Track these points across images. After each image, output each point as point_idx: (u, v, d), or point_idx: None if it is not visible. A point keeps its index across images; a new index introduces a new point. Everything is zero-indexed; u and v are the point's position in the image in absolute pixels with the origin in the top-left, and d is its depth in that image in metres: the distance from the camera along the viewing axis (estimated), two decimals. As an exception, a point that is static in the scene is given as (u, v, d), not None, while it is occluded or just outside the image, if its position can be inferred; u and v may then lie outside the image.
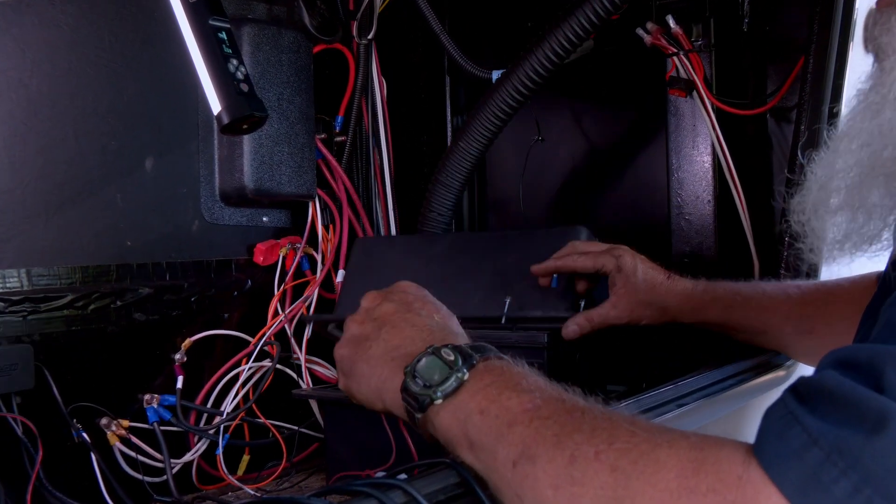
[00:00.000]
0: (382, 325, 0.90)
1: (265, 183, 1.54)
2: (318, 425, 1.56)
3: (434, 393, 0.79)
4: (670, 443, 0.66)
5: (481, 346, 0.83)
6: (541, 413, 0.73)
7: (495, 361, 0.82)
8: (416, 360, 0.82)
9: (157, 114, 1.46)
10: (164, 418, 1.37)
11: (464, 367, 0.79)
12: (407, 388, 0.81)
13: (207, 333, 1.48)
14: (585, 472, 0.67)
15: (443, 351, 0.81)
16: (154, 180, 1.44)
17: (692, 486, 0.62)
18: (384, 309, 0.92)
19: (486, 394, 0.77)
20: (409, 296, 0.94)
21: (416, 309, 0.92)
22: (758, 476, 0.61)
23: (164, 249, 1.46)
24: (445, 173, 1.71)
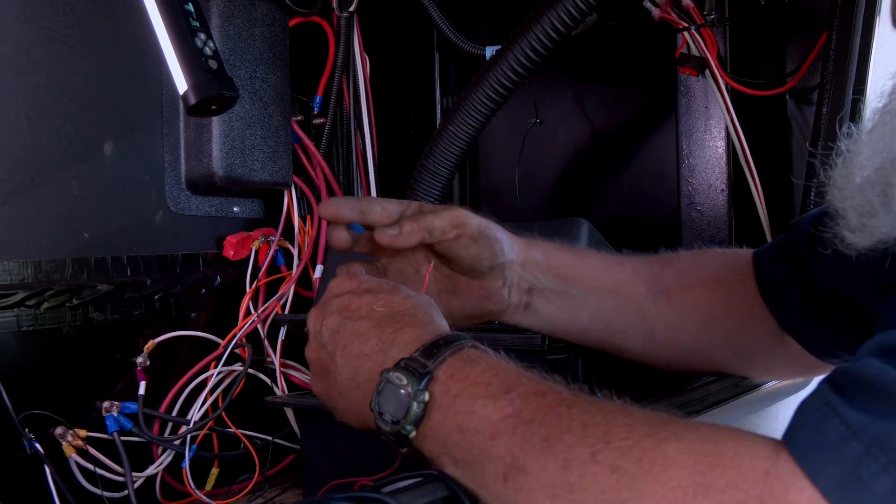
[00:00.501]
0: (334, 352, 0.91)
1: (236, 169, 1.54)
2: (293, 435, 1.57)
3: (403, 428, 0.80)
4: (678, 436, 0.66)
5: (435, 344, 0.83)
6: (523, 416, 0.73)
7: (454, 361, 0.81)
8: (376, 394, 0.83)
9: (116, 93, 1.46)
10: (125, 428, 1.38)
11: (421, 388, 0.80)
12: (379, 427, 0.83)
13: (172, 335, 1.49)
14: (583, 477, 0.67)
15: (393, 376, 0.81)
16: (113, 166, 1.45)
17: (709, 482, 0.62)
18: (328, 328, 0.93)
19: (459, 407, 0.78)
20: (344, 298, 0.94)
21: (354, 311, 0.91)
22: (788, 470, 0.61)
23: (124, 242, 1.46)
24: (433, 159, 1.72)
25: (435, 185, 1.73)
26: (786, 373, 1.28)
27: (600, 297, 1.19)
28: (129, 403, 1.39)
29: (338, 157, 1.83)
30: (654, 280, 1.19)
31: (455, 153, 1.70)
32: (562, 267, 1.17)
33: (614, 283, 1.18)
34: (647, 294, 1.18)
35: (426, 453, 0.81)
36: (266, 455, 1.48)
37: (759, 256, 1.20)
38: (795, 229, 1.16)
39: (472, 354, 0.82)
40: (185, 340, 1.52)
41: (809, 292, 1.12)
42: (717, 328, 1.19)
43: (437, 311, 0.92)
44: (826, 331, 1.12)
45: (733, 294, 1.18)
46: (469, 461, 0.76)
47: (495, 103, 1.66)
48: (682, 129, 1.76)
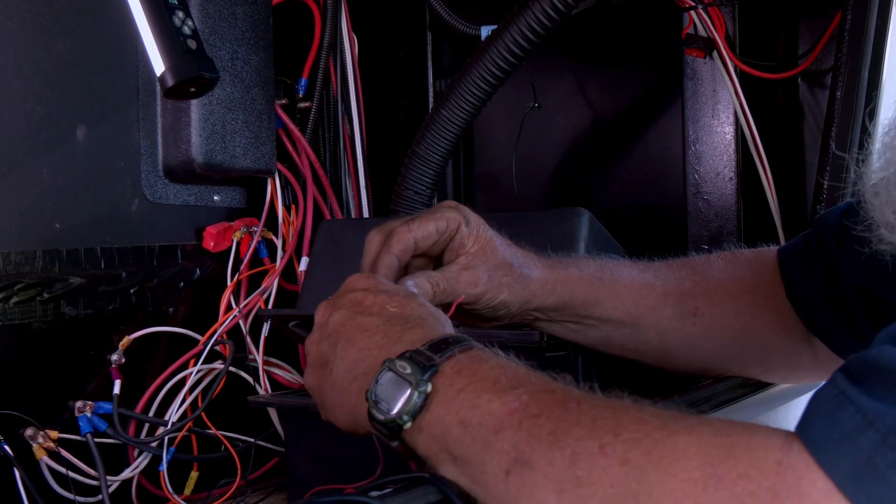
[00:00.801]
0: (337, 343, 0.91)
1: (216, 156, 1.54)
2: (277, 437, 1.57)
3: (400, 419, 0.80)
4: (689, 428, 0.66)
5: (443, 341, 0.83)
6: (530, 411, 0.73)
7: (463, 358, 0.82)
8: (375, 383, 0.83)
9: (90, 75, 1.45)
10: (99, 429, 1.38)
11: (424, 378, 0.80)
12: (373, 417, 0.82)
13: (149, 331, 1.49)
14: (592, 470, 0.67)
15: (398, 364, 0.82)
16: (87, 153, 1.44)
17: (720, 474, 0.63)
18: (335, 320, 0.93)
19: (462, 401, 0.78)
20: (358, 294, 0.94)
21: (366, 308, 0.92)
22: (802, 460, 0.61)
23: (98, 233, 1.46)
24: (424, 145, 1.72)
25: (427, 172, 1.73)
26: (810, 376, 1.28)
27: (616, 325, 1.18)
28: (103, 403, 1.39)
29: (324, 143, 1.83)
30: (682, 300, 1.18)
31: (448, 139, 1.71)
32: (581, 306, 1.16)
33: (637, 310, 1.17)
34: (673, 317, 1.18)
35: (419, 449, 0.81)
36: (248, 458, 1.49)
37: (784, 255, 1.20)
38: (821, 225, 1.16)
39: (481, 354, 0.83)
40: (162, 337, 1.52)
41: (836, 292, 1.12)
42: (744, 343, 1.20)
43: (450, 326, 0.92)
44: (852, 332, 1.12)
45: (764, 306, 1.18)
46: (469, 457, 0.76)
47: (491, 86, 1.66)
48: (689, 114, 1.77)
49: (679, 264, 1.22)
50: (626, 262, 1.21)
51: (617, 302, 1.17)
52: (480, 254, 1.09)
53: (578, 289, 1.15)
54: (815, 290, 1.15)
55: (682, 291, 1.19)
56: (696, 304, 1.18)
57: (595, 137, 1.97)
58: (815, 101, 1.78)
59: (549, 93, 1.99)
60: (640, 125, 1.91)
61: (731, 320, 1.19)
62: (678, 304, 1.18)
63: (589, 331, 1.19)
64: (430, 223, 1.07)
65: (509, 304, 1.11)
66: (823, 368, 1.20)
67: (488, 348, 0.84)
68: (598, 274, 1.17)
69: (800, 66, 1.72)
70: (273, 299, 1.63)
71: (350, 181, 1.84)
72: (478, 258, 1.09)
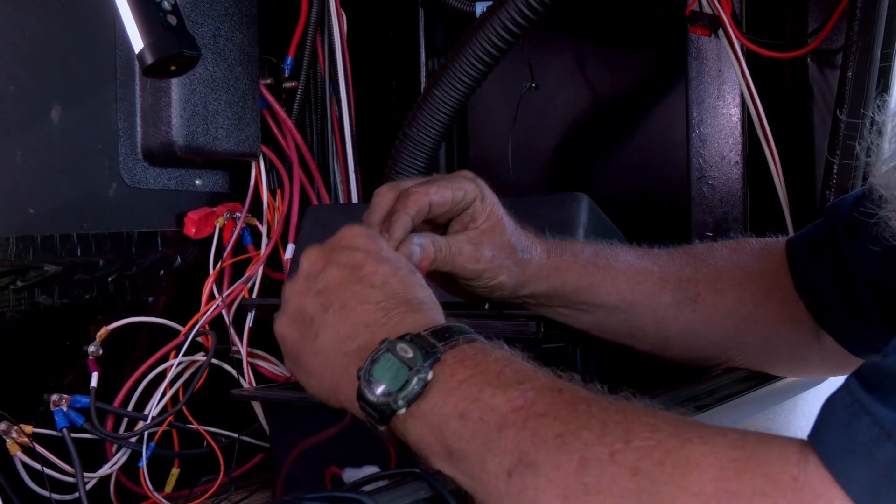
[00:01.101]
0: (329, 305, 0.89)
1: (198, 138, 1.55)
2: (262, 432, 1.58)
3: (395, 402, 0.79)
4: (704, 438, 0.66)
5: (447, 329, 0.82)
6: (536, 409, 0.73)
7: (467, 348, 0.81)
8: (370, 361, 0.81)
9: (65, 53, 1.46)
10: (76, 423, 1.38)
11: (426, 364, 0.79)
12: (363, 396, 0.81)
13: (128, 321, 1.49)
14: (600, 478, 0.67)
15: (398, 347, 0.80)
16: (62, 134, 1.45)
17: (734, 490, 0.63)
18: (329, 278, 0.90)
19: (464, 393, 0.77)
20: (358, 255, 0.91)
21: (367, 275, 0.89)
22: (817, 476, 0.62)
23: (74, 218, 1.46)
24: (416, 127, 1.72)
25: (419, 155, 1.73)
26: (819, 370, 1.28)
27: (610, 311, 1.19)
28: (79, 397, 1.40)
29: (311, 125, 1.83)
30: (682, 286, 1.19)
31: (441, 120, 1.71)
32: (574, 293, 1.17)
33: (633, 296, 1.18)
34: (672, 303, 1.19)
35: (410, 438, 0.80)
36: (232, 454, 1.49)
37: (792, 246, 1.20)
38: (832, 214, 1.16)
39: (485, 346, 0.82)
40: (141, 327, 1.52)
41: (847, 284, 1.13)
42: (746, 332, 1.20)
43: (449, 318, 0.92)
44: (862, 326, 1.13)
45: (768, 296, 1.19)
46: (467, 453, 0.75)
47: (486, 65, 1.67)
48: (693, 95, 1.77)
49: (680, 252, 1.23)
50: (624, 247, 1.22)
51: (611, 287, 1.17)
52: (489, 231, 1.10)
53: (571, 275, 1.16)
54: (825, 281, 1.15)
55: (682, 277, 1.19)
56: (696, 291, 1.18)
57: (595, 119, 1.97)
58: (824, 81, 1.79)
59: (546, 72, 1.99)
60: (642, 106, 1.92)
61: (733, 309, 1.19)
62: (677, 290, 1.18)
63: (581, 315, 1.20)
64: (449, 191, 1.06)
65: (505, 286, 1.12)
66: (833, 363, 1.20)
67: (492, 341, 0.83)
68: (592, 259, 1.17)
69: (809, 45, 1.72)
70: (258, 288, 1.63)
71: (338, 165, 1.84)
72: (485, 236, 1.09)
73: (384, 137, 1.90)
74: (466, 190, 1.08)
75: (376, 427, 0.82)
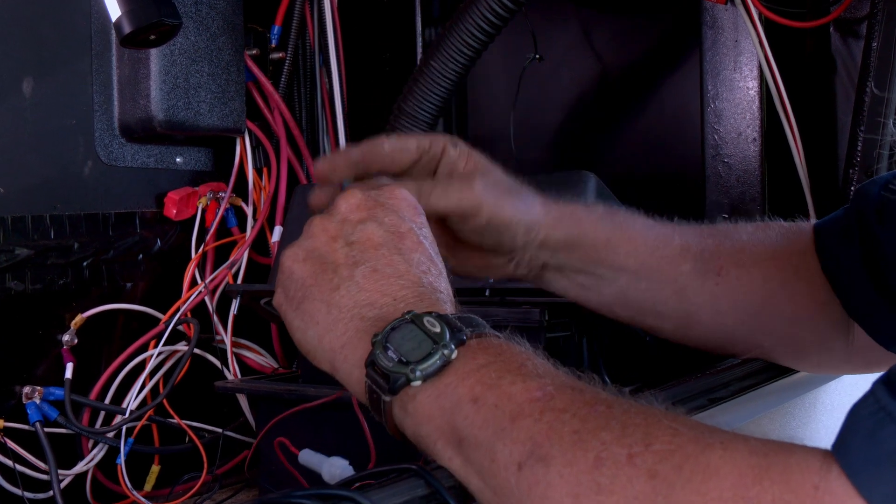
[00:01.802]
0: (360, 262, 0.87)
1: (179, 112, 1.55)
2: (248, 427, 1.58)
3: (412, 372, 0.78)
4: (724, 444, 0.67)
5: (473, 319, 0.83)
6: (554, 404, 0.73)
7: (492, 339, 0.82)
8: (389, 328, 0.81)
9: (37, 21, 1.45)
10: (49, 417, 1.39)
11: (451, 341, 0.79)
12: (376, 361, 0.80)
13: (104, 308, 1.49)
14: (616, 479, 0.68)
15: (425, 319, 0.80)
16: (34, 109, 1.44)
17: (752, 497, 0.63)
18: (368, 233, 0.89)
19: (481, 377, 0.77)
20: (404, 224, 0.91)
21: (407, 248, 0.89)
22: (839, 485, 0.62)
23: (47, 199, 1.46)
24: (412, 101, 1.72)
25: (415, 131, 1.73)
26: (845, 366, 1.28)
27: (633, 277, 1.17)
28: (53, 389, 1.40)
29: (300, 99, 1.83)
30: (704, 258, 1.18)
31: (439, 94, 1.70)
32: (592, 248, 1.15)
33: (654, 261, 1.17)
34: (693, 274, 1.18)
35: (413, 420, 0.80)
36: (215, 450, 1.50)
37: (820, 230, 1.20)
38: (861, 197, 1.16)
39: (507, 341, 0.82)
40: (119, 315, 1.53)
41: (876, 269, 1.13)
42: (771, 314, 1.19)
43: None
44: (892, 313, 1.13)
45: (795, 275, 1.18)
46: (479, 440, 0.75)
47: (487, 35, 1.66)
48: (707, 67, 1.77)
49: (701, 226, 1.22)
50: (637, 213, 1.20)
51: (631, 248, 1.16)
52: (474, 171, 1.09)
53: (588, 225, 1.15)
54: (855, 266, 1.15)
55: (704, 249, 1.18)
56: (719, 264, 1.17)
57: (602, 93, 1.97)
58: (848, 52, 1.78)
59: (551, 43, 1.99)
60: (653, 79, 1.92)
61: (759, 285, 1.18)
62: (699, 260, 1.17)
63: (603, 286, 1.18)
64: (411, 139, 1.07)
65: (514, 226, 1.10)
66: (861, 359, 1.21)
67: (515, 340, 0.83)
68: (608, 216, 1.17)
69: (832, 14, 1.72)
70: (242, 273, 1.64)
71: (329, 141, 1.84)
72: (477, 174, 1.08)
73: (378, 112, 1.90)
74: (432, 138, 1.08)
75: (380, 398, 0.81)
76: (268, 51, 1.76)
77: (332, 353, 0.87)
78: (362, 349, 0.83)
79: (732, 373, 1.26)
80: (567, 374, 0.78)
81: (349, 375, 0.85)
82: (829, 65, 1.79)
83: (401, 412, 0.81)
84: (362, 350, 0.83)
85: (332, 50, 1.81)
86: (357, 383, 0.84)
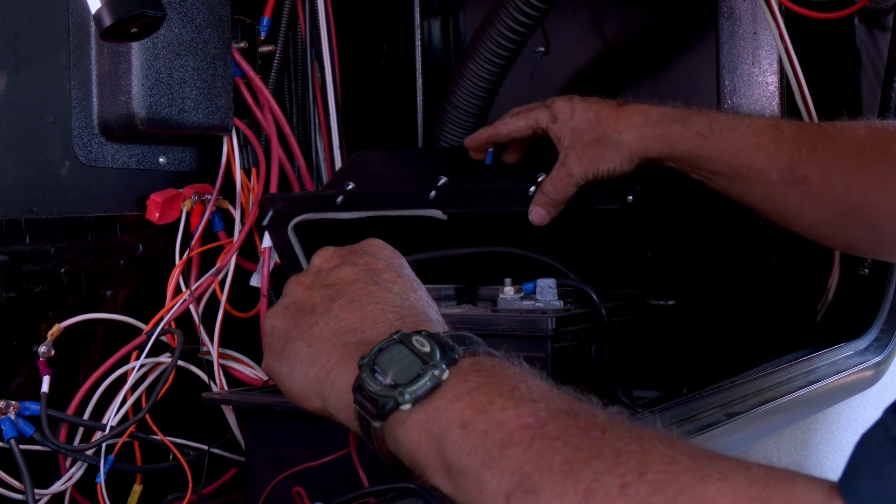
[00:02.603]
0: (336, 297, 0.90)
1: (162, 110, 1.55)
2: (236, 444, 1.58)
3: (400, 395, 0.78)
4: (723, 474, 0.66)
5: (465, 337, 0.83)
6: (546, 431, 0.73)
7: (485, 358, 0.81)
8: (377, 350, 0.81)
9: (11, 13, 1.46)
10: (25, 434, 1.39)
11: (442, 361, 0.79)
12: (363, 386, 0.80)
13: (83, 318, 1.50)
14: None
15: (414, 339, 0.81)
16: (8, 106, 1.45)
17: None
18: (342, 274, 0.92)
19: (472, 401, 0.77)
20: (380, 262, 0.94)
21: (385, 281, 0.92)
22: None
23: (22, 201, 1.46)
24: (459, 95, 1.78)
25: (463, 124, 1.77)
26: None
27: (728, 180, 1.39)
28: (29, 403, 1.40)
29: (290, 95, 1.83)
30: (791, 167, 1.35)
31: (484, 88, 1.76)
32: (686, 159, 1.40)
33: (744, 170, 1.37)
34: (779, 182, 1.36)
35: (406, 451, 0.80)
36: (201, 468, 1.50)
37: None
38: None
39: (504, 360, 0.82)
40: (98, 325, 1.53)
41: None
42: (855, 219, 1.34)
43: None
44: None
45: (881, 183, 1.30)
46: (466, 469, 0.75)
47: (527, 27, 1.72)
48: (725, 61, 1.78)
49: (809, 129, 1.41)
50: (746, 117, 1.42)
51: (720, 158, 1.38)
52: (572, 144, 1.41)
53: (680, 145, 1.40)
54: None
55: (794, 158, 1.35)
56: (804, 173, 1.34)
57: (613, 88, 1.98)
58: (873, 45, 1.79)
59: (559, 35, 1.99)
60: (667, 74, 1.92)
61: (840, 195, 1.32)
62: (786, 169, 1.35)
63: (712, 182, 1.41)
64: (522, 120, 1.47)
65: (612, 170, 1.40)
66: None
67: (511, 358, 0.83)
68: (702, 131, 1.39)
69: (856, 5, 1.72)
70: (230, 280, 1.64)
71: (321, 139, 1.84)
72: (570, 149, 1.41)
73: (373, 109, 1.90)
74: (538, 118, 1.45)
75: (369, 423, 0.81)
76: (256, 44, 1.76)
77: (318, 385, 0.88)
78: (349, 374, 0.83)
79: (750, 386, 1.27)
80: (564, 396, 0.78)
81: (338, 402, 0.86)
82: (854, 58, 1.80)
83: (391, 438, 0.81)
84: (349, 375, 0.83)
85: (324, 42, 1.82)
86: (345, 409, 0.84)
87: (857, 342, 1.55)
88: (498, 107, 2.06)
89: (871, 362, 1.43)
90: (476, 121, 1.77)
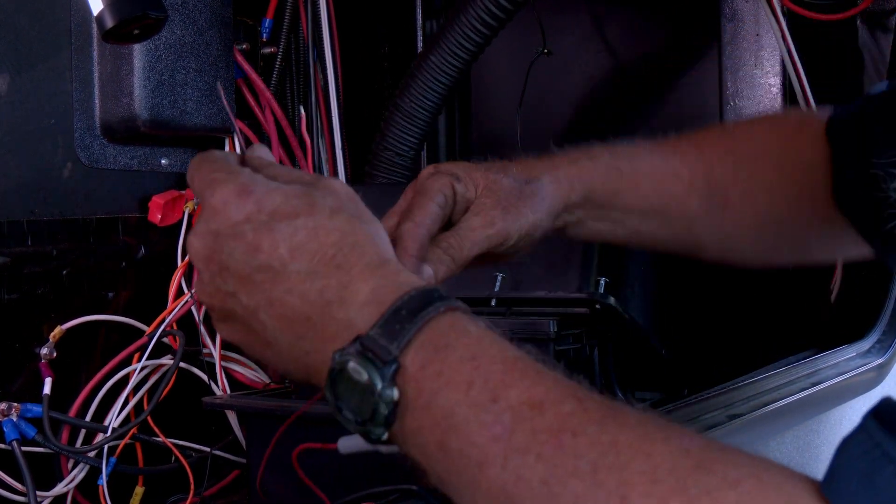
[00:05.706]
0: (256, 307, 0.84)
1: (164, 111, 1.55)
2: (237, 446, 1.58)
3: (371, 431, 0.78)
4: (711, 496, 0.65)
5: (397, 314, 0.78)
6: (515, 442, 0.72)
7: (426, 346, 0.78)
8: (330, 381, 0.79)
9: (13, 14, 1.46)
10: (27, 436, 1.39)
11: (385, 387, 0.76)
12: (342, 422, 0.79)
13: (85, 319, 1.50)
14: None
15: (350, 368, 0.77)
16: (10, 107, 1.45)
17: None
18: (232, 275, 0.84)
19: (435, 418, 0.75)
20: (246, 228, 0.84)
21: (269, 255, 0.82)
22: None
23: (24, 203, 1.46)
24: (409, 97, 1.72)
25: (411, 129, 1.74)
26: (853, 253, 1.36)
27: (642, 217, 1.25)
28: (31, 405, 1.40)
29: (292, 96, 1.84)
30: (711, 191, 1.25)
31: (437, 91, 1.71)
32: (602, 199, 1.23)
33: (661, 200, 1.24)
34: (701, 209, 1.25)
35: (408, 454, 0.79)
36: (203, 470, 1.50)
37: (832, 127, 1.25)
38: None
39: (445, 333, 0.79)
40: (100, 327, 1.53)
41: None
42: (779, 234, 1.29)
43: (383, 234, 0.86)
44: None
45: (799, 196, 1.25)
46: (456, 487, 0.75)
47: (490, 28, 1.67)
48: (727, 63, 1.78)
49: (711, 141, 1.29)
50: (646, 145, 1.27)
51: (638, 192, 1.23)
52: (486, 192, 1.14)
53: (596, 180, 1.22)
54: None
55: (711, 181, 1.25)
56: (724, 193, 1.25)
57: (615, 90, 1.98)
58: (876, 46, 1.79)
59: (562, 36, 1.99)
60: (670, 75, 1.92)
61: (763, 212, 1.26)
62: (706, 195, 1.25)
63: (617, 228, 1.25)
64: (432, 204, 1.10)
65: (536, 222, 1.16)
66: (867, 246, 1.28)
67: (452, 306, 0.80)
68: (613, 163, 1.23)
69: (859, 6, 1.73)
70: (232, 282, 1.64)
71: (323, 141, 1.85)
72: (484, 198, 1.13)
73: (375, 110, 1.90)
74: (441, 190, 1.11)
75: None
76: (258, 45, 1.77)
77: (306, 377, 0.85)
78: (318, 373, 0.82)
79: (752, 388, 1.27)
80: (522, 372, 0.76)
81: None
82: (857, 60, 1.80)
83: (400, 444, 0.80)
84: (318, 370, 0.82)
85: (326, 44, 1.82)
86: None
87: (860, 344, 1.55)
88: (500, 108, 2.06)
89: (873, 364, 1.43)
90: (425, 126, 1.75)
